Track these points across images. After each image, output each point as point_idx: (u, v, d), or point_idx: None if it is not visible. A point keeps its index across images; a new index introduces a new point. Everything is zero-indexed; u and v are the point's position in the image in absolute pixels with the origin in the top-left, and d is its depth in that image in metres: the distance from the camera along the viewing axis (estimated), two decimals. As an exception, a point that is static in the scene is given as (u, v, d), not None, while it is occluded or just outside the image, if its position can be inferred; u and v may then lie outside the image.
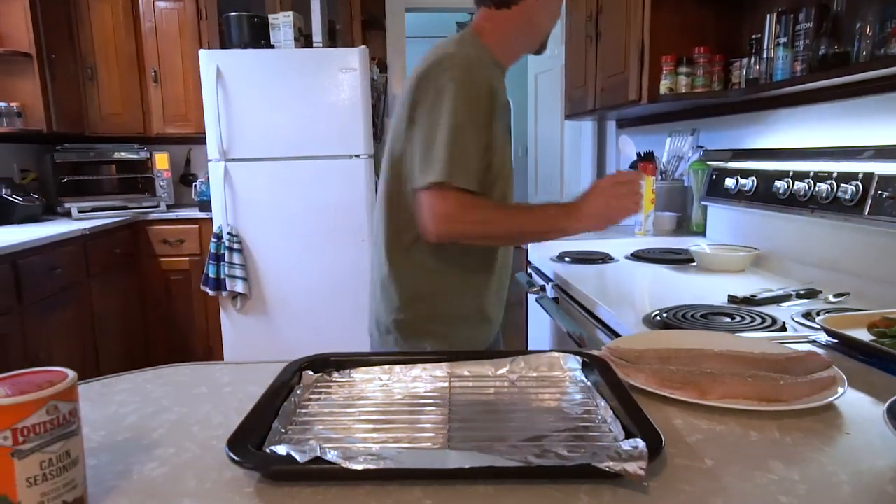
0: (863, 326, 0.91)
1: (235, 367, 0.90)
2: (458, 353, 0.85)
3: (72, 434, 0.49)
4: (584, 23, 2.63)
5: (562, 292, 1.71)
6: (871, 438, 0.63)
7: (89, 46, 3.34)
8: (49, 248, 2.50)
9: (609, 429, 0.65)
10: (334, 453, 0.56)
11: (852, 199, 1.34)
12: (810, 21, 1.51)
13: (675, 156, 2.37)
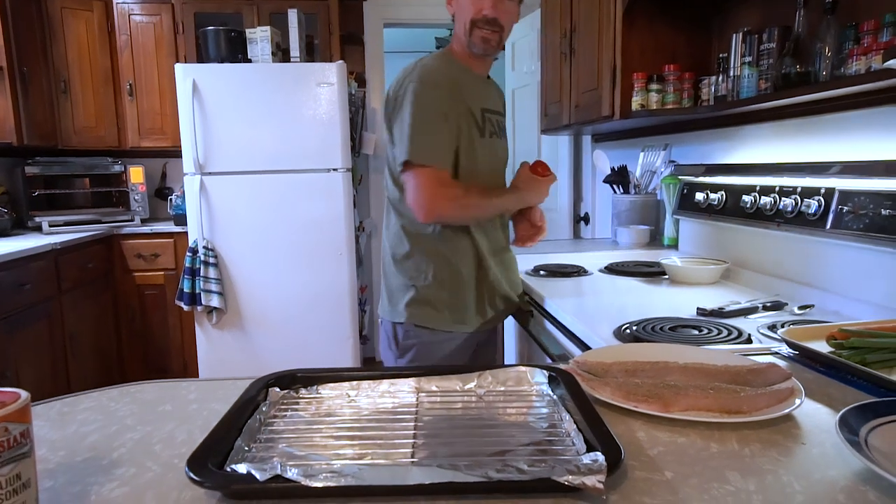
0: (822, 338, 0.94)
1: (203, 385, 0.89)
2: (426, 369, 0.85)
3: (23, 456, 0.48)
4: (559, 40, 2.68)
5: (536, 306, 1.73)
6: (825, 449, 0.64)
7: (63, 60, 3.31)
8: (17, 263, 2.45)
9: (572, 442, 0.65)
10: (295, 471, 0.55)
11: (815, 213, 1.38)
12: (773, 41, 1.56)
13: (647, 170, 2.41)
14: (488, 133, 1.44)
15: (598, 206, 3.20)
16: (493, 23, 1.35)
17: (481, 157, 1.42)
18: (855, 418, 0.63)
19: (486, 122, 1.44)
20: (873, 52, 1.22)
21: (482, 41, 1.37)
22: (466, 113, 1.38)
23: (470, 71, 1.44)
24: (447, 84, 1.36)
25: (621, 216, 2.44)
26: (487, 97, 1.47)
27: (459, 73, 1.41)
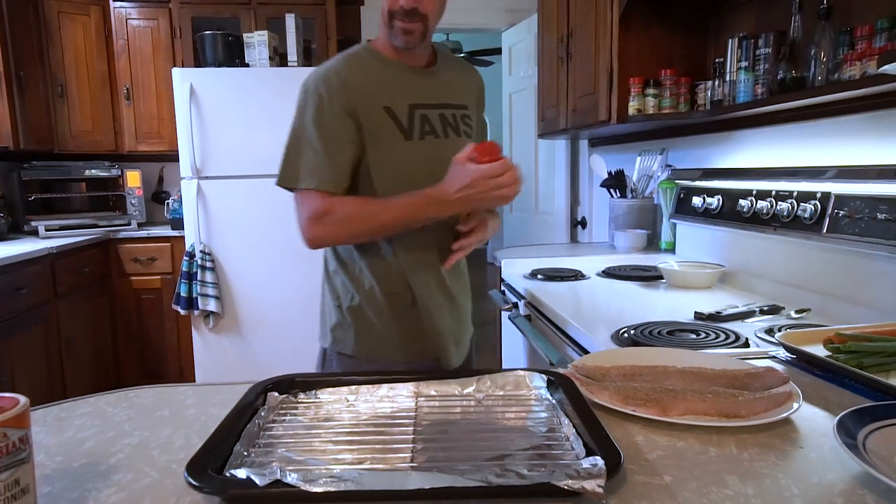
0: (819, 342, 0.94)
1: (200, 389, 0.89)
2: (425, 373, 0.86)
3: (22, 462, 0.48)
4: (556, 45, 2.69)
5: (534, 309, 1.73)
6: (823, 452, 0.64)
7: (60, 64, 3.31)
8: (13, 267, 2.45)
9: (571, 447, 0.65)
10: (295, 476, 0.55)
11: (811, 217, 1.38)
12: (769, 46, 1.57)
13: (644, 174, 2.42)
14: (420, 133, 1.22)
15: (595, 210, 3.21)
16: (412, 13, 1.16)
17: (410, 163, 1.22)
18: (853, 422, 0.63)
19: (418, 121, 1.23)
20: (868, 58, 1.23)
21: (403, 33, 1.19)
22: (377, 114, 1.20)
23: (395, 63, 1.25)
24: (339, 85, 1.19)
25: (618, 220, 2.45)
26: (423, 91, 1.26)
27: (375, 68, 1.23)
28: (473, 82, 1.40)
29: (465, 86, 1.37)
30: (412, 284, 1.25)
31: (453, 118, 1.29)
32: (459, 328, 1.34)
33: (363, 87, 1.21)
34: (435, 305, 1.27)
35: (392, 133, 1.21)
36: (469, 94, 1.37)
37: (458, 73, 1.36)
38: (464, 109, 1.32)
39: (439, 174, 1.16)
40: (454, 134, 1.28)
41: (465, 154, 1.09)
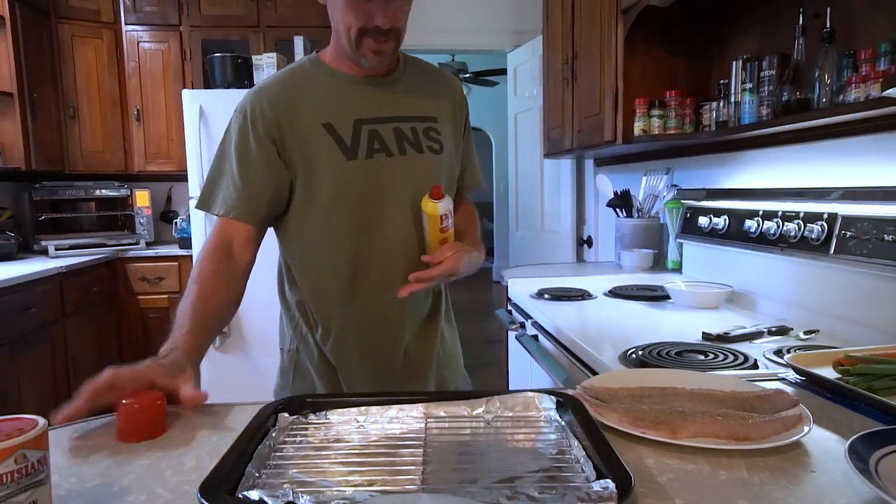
0: (829, 364, 0.94)
1: (211, 410, 0.89)
2: (434, 394, 0.86)
3: (40, 483, 0.48)
4: (561, 66, 2.72)
5: (541, 329, 1.73)
6: (834, 476, 0.64)
7: (72, 86, 3.37)
8: (23, 287, 2.47)
9: (581, 469, 0.65)
10: (307, 498, 0.56)
11: (818, 238, 1.39)
12: (773, 68, 1.58)
13: (650, 194, 2.43)
14: (367, 152, 1.09)
15: (601, 229, 3.21)
16: (387, 32, 1.04)
17: (353, 185, 1.10)
18: (864, 446, 0.63)
19: (365, 138, 1.09)
20: (871, 80, 1.24)
21: (374, 54, 1.06)
22: (314, 133, 1.08)
23: (341, 75, 1.13)
24: (267, 108, 1.09)
25: (624, 240, 2.45)
26: (374, 103, 1.12)
27: (318, 82, 1.13)
28: (447, 89, 1.23)
29: (435, 94, 1.20)
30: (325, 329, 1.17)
31: (412, 132, 1.14)
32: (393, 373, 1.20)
33: (298, 105, 1.10)
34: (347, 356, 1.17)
35: (331, 152, 1.08)
36: (440, 103, 1.20)
37: (425, 80, 1.21)
38: (429, 122, 1.17)
39: (391, 195, 1.11)
40: (413, 150, 1.13)
41: None
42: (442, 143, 1.17)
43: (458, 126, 1.24)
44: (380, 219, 1.12)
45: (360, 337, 1.16)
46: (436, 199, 1.06)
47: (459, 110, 1.25)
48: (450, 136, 1.20)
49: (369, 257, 1.13)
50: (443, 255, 1.07)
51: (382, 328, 1.17)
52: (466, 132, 1.28)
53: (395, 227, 1.13)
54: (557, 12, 2.78)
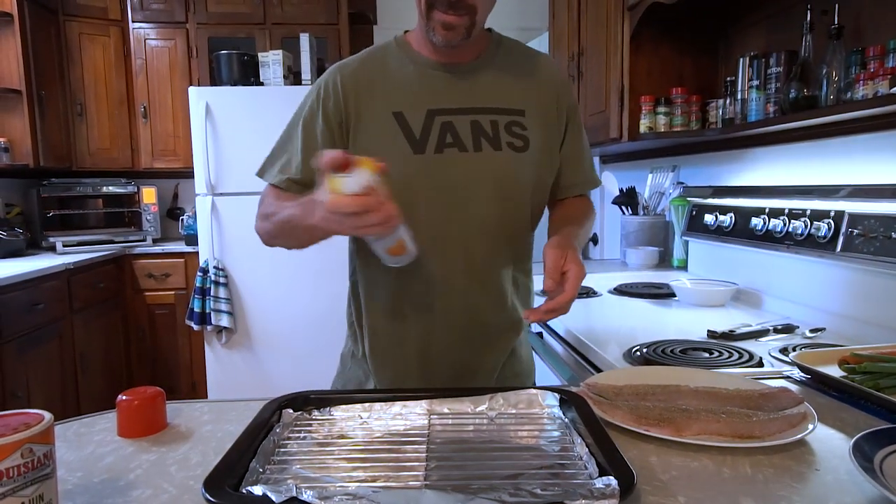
0: (834, 362, 0.93)
1: (216, 406, 0.90)
2: (438, 391, 0.86)
3: (46, 477, 0.49)
4: (567, 63, 2.71)
5: (545, 327, 1.73)
6: (839, 475, 0.64)
7: (79, 83, 3.38)
8: (31, 283, 2.48)
9: (585, 466, 0.66)
10: (310, 493, 0.56)
11: (825, 236, 1.38)
12: (780, 66, 1.58)
13: (656, 191, 2.43)
14: (437, 146, 1.00)
15: (606, 227, 3.21)
16: (456, 4, 0.94)
17: (417, 183, 1.00)
18: (869, 444, 0.63)
19: (437, 130, 1.00)
20: (880, 77, 1.24)
21: (443, 28, 0.96)
22: (383, 121, 1.01)
23: (421, 59, 1.05)
24: (338, 87, 1.03)
25: (630, 237, 2.45)
26: (452, 92, 1.03)
27: (396, 64, 1.05)
28: (543, 78, 1.09)
29: (527, 84, 1.08)
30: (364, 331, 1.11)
31: (492, 127, 1.02)
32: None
33: (373, 88, 1.03)
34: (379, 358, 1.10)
35: (398, 144, 1.00)
36: (532, 94, 1.07)
37: (518, 66, 1.09)
38: (514, 115, 1.04)
39: (460, 197, 1.00)
40: (491, 147, 1.01)
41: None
42: (527, 140, 1.04)
43: (554, 120, 1.09)
44: (445, 223, 1.01)
45: (405, 337, 1.07)
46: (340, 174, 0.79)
47: (557, 102, 1.09)
48: (541, 132, 1.06)
49: (426, 265, 1.01)
50: (558, 276, 0.90)
51: (429, 338, 1.06)
52: (571, 126, 1.12)
53: (462, 232, 1.01)
54: (563, 9, 2.77)
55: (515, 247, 1.09)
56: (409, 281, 1.03)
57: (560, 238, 0.96)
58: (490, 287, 1.06)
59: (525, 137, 1.04)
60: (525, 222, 1.10)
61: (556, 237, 0.97)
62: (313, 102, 1.06)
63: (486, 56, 1.07)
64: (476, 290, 1.04)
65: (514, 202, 1.06)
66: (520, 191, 1.05)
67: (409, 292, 1.04)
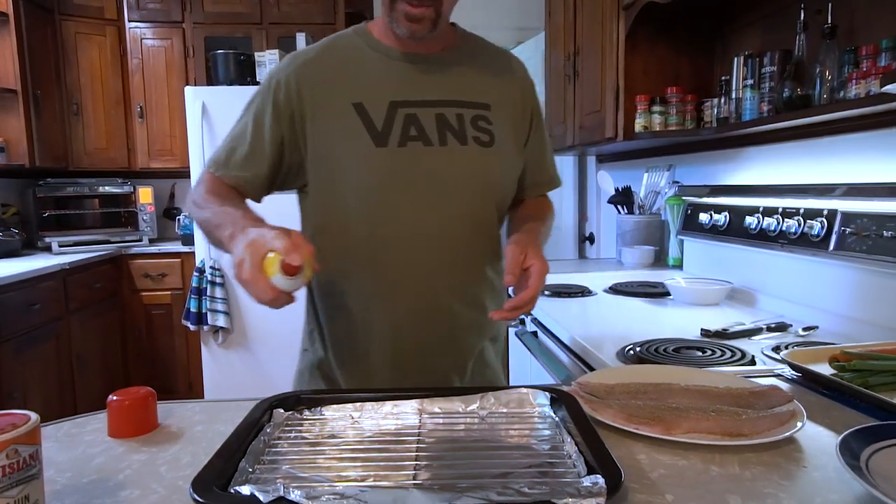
0: (825, 360, 0.94)
1: (208, 406, 0.90)
2: (430, 390, 0.86)
3: (32, 478, 0.49)
4: (563, 62, 2.71)
5: (540, 326, 1.73)
6: (827, 472, 0.64)
7: (75, 83, 3.38)
8: (27, 283, 2.48)
9: (574, 465, 0.66)
10: (298, 493, 0.56)
11: (818, 235, 1.38)
12: (774, 65, 1.58)
13: (652, 191, 2.43)
14: (400, 139, 0.96)
15: (602, 226, 3.21)
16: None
17: (380, 178, 0.96)
18: (856, 442, 0.63)
19: (400, 123, 0.96)
20: (872, 77, 1.24)
21: (407, 20, 0.92)
22: (342, 113, 0.97)
23: (384, 48, 1.01)
24: (291, 79, 0.99)
25: (626, 236, 2.45)
26: (417, 84, 1.00)
27: (357, 54, 1.01)
28: (509, 75, 1.08)
29: (493, 79, 1.05)
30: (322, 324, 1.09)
31: (458, 120, 0.99)
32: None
33: (331, 79, 0.99)
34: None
35: (358, 137, 0.96)
36: (498, 90, 1.05)
37: (484, 61, 1.06)
38: (480, 109, 1.02)
39: (427, 193, 0.96)
40: (457, 141, 0.98)
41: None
42: (493, 135, 1.01)
43: (519, 117, 1.08)
44: (412, 220, 0.98)
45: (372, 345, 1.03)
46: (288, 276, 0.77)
47: (522, 99, 1.09)
48: (506, 128, 1.04)
49: (390, 265, 0.99)
50: (518, 270, 0.89)
51: (398, 340, 1.02)
52: (535, 125, 1.11)
53: (430, 230, 0.98)
54: (559, 9, 2.77)
55: (485, 245, 1.05)
56: (374, 281, 1.00)
57: (521, 235, 0.95)
58: (461, 285, 1.03)
59: (491, 132, 1.02)
60: (493, 219, 1.06)
61: (518, 234, 0.96)
62: (265, 94, 1.02)
63: (451, 49, 1.04)
64: (446, 288, 1.01)
65: (482, 198, 1.03)
66: (486, 187, 1.03)
67: (376, 293, 1.01)
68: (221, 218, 0.90)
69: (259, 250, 0.77)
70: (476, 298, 1.05)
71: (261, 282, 0.76)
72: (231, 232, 0.83)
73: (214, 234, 0.90)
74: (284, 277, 0.77)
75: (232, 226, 0.85)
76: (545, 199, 1.20)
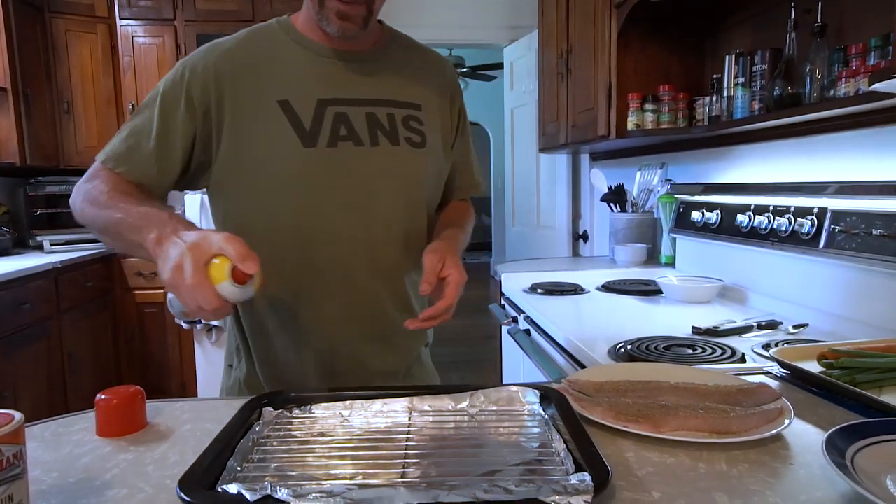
0: (814, 358, 0.94)
1: (196, 405, 0.89)
2: (420, 388, 0.86)
3: (16, 477, 0.49)
4: (556, 60, 2.71)
5: (532, 324, 1.73)
6: (812, 470, 0.65)
7: (66, 81, 3.36)
8: (18, 282, 2.47)
9: (562, 462, 0.66)
10: (285, 491, 0.56)
11: (808, 232, 1.39)
12: (765, 63, 1.58)
13: (644, 189, 2.43)
14: (330, 139, 0.93)
15: (595, 224, 3.22)
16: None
17: (309, 180, 0.93)
18: (841, 439, 0.64)
19: (329, 122, 0.93)
20: (861, 75, 1.24)
21: (338, 18, 0.89)
22: (266, 110, 0.92)
23: (310, 44, 0.96)
24: (209, 69, 0.92)
25: (618, 234, 2.45)
26: (346, 82, 0.96)
27: (280, 49, 0.96)
28: (438, 75, 1.07)
29: (422, 79, 1.03)
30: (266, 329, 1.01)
31: (389, 120, 0.97)
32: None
33: (253, 74, 0.93)
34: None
35: (285, 136, 0.91)
36: (427, 90, 1.03)
37: (412, 60, 1.04)
38: (411, 109, 1.00)
39: (359, 195, 0.94)
40: (388, 141, 0.96)
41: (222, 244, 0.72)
42: (424, 136, 1.00)
43: (448, 119, 1.08)
44: (344, 223, 0.95)
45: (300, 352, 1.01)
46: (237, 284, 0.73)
47: (452, 101, 1.09)
48: (436, 129, 1.04)
49: (320, 268, 0.96)
50: (434, 279, 0.88)
51: (330, 344, 1.00)
52: (462, 128, 1.12)
53: (360, 232, 0.96)
54: (552, 7, 2.77)
55: (417, 247, 1.00)
56: (303, 286, 0.97)
57: (440, 243, 0.94)
58: (393, 289, 1.01)
59: (422, 133, 1.00)
60: (424, 221, 1.04)
61: (437, 242, 0.94)
62: (176, 85, 0.93)
63: (380, 47, 1.01)
64: (380, 292, 0.99)
65: (415, 200, 1.01)
66: (418, 188, 1.01)
67: (305, 300, 0.97)
68: (140, 219, 0.81)
69: (204, 254, 0.71)
70: (409, 302, 1.04)
71: (206, 289, 0.71)
72: (157, 235, 0.76)
73: (127, 237, 0.82)
74: (234, 285, 0.72)
75: (158, 228, 0.77)
76: (467, 204, 1.18)
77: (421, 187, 1.02)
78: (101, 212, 0.87)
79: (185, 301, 0.72)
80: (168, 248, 0.73)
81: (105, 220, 0.87)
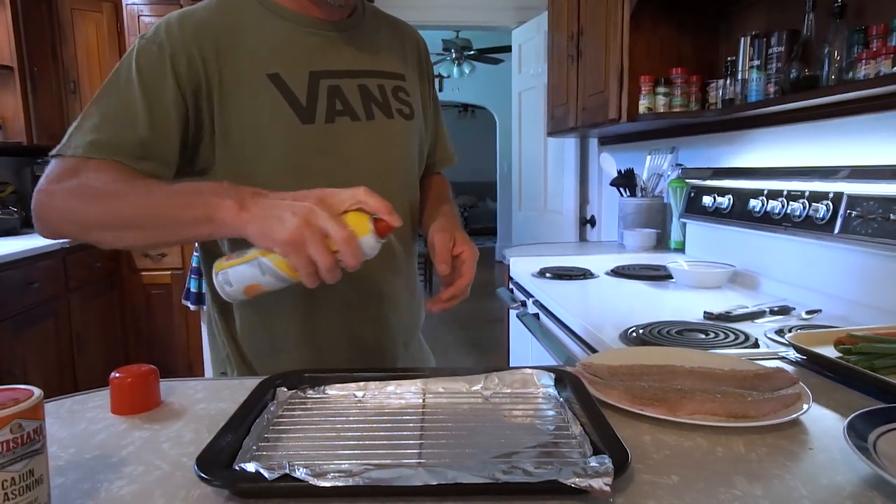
0: (830, 343, 0.93)
1: (210, 384, 0.89)
2: (433, 370, 0.86)
3: (36, 452, 0.48)
4: (566, 43, 2.68)
5: (542, 308, 1.73)
6: (832, 454, 0.64)
7: (72, 60, 3.34)
8: (26, 262, 2.47)
9: (579, 445, 0.65)
10: (303, 471, 0.56)
11: (823, 217, 1.37)
12: (782, 45, 1.56)
13: (654, 173, 2.41)
14: (327, 114, 0.87)
15: (604, 208, 3.20)
16: None
17: (309, 160, 0.87)
18: (863, 424, 0.63)
19: (325, 96, 0.87)
20: (882, 57, 1.22)
21: None
22: (255, 85, 0.84)
23: (292, 14, 0.88)
24: (197, 39, 0.84)
25: (627, 219, 2.44)
26: (335, 53, 0.90)
27: (261, 18, 0.87)
28: (411, 42, 1.03)
29: (400, 48, 0.99)
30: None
31: (380, 92, 0.92)
32: None
33: (235, 45, 0.84)
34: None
35: (281, 113, 0.85)
36: (406, 59, 1.00)
37: (386, 29, 1.00)
38: (398, 80, 0.96)
39: (359, 172, 0.87)
40: (383, 115, 0.91)
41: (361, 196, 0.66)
42: (412, 107, 0.97)
43: (426, 88, 1.04)
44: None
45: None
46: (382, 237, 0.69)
47: (425, 69, 1.04)
48: (418, 98, 1.00)
49: None
50: (450, 259, 0.86)
51: (328, 325, 0.96)
52: (434, 97, 1.08)
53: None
54: (563, -13, 2.73)
55: (413, 224, 0.98)
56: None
57: (444, 221, 0.91)
58: (396, 267, 0.98)
59: (410, 104, 0.96)
60: (418, 195, 1.01)
61: (440, 220, 0.91)
62: (157, 64, 0.83)
63: (357, 15, 0.95)
64: (383, 273, 0.95)
65: (412, 174, 0.98)
66: (412, 161, 0.98)
67: (307, 289, 0.92)
68: (192, 195, 0.70)
69: (336, 208, 0.64)
70: (410, 281, 1.02)
71: (355, 242, 0.63)
72: (235, 200, 0.66)
73: (169, 218, 0.72)
74: (377, 239, 0.65)
75: (228, 194, 0.67)
76: (444, 178, 1.14)
77: (414, 160, 1.00)
78: (113, 203, 0.75)
79: (309, 261, 0.64)
80: (270, 208, 0.64)
81: (118, 212, 0.75)
